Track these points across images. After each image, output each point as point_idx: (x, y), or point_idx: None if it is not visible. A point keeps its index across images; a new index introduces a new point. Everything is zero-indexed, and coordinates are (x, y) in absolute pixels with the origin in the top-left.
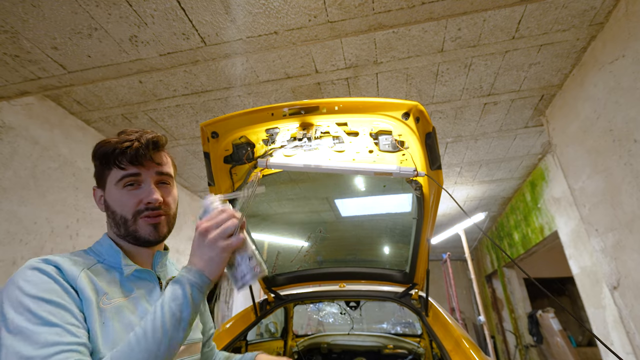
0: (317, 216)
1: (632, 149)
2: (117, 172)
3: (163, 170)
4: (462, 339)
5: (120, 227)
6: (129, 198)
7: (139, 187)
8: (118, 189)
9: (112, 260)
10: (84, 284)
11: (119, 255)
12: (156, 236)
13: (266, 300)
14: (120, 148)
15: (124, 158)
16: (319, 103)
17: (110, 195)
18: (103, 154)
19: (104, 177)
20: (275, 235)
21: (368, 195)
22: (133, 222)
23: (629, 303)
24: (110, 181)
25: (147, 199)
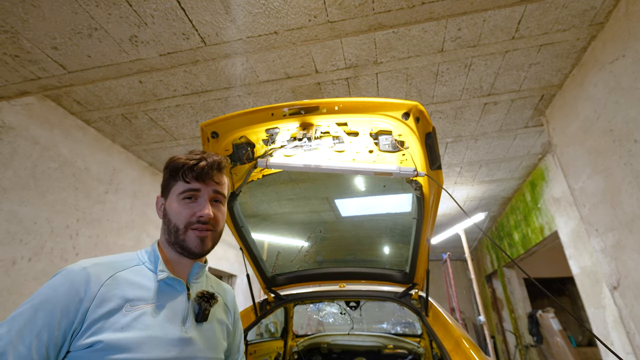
0: (317, 216)
1: (632, 149)
2: (181, 185)
3: (219, 190)
4: (462, 339)
5: (171, 235)
6: (185, 209)
7: (196, 202)
8: (178, 200)
9: (151, 265)
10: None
11: (157, 260)
12: (201, 249)
13: (266, 300)
14: (189, 164)
15: (190, 173)
16: (319, 103)
17: (170, 205)
18: (173, 167)
19: (169, 188)
20: (275, 235)
21: (368, 195)
22: (184, 232)
23: (629, 303)
24: (174, 192)
25: (199, 212)
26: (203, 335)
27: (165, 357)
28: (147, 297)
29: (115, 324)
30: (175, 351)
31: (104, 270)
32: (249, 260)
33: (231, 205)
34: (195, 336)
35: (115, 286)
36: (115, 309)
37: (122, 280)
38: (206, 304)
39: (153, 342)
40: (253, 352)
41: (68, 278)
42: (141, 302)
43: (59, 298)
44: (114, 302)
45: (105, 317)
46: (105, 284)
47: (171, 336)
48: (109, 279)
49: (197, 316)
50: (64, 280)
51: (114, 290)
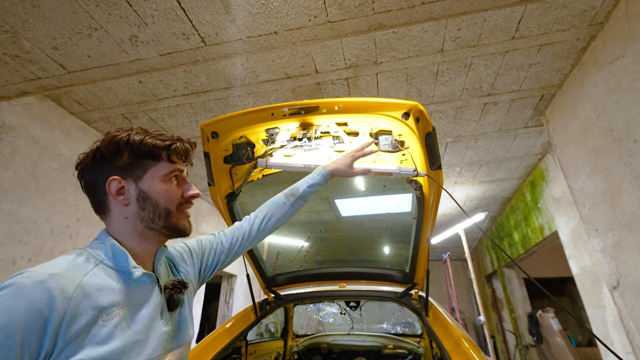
0: (317, 216)
1: (632, 149)
2: (165, 166)
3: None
4: (462, 339)
5: (159, 219)
6: (176, 191)
7: (180, 182)
8: (164, 182)
9: (115, 262)
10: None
11: (125, 257)
12: (191, 229)
13: (266, 300)
14: (172, 144)
15: (174, 153)
16: (319, 103)
17: (153, 187)
18: (152, 146)
19: (142, 169)
20: (275, 235)
21: (368, 195)
22: (175, 214)
23: (628, 303)
24: (153, 173)
25: (191, 192)
26: (177, 321)
27: (154, 356)
28: (120, 300)
29: (95, 337)
30: (160, 347)
31: (66, 280)
32: (249, 260)
33: (231, 205)
34: (174, 325)
35: (84, 296)
36: (91, 322)
37: (90, 288)
38: (178, 293)
39: (139, 345)
40: (253, 352)
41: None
42: (116, 307)
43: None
44: (88, 314)
45: (81, 333)
46: (73, 297)
47: (155, 334)
48: (75, 290)
49: (170, 306)
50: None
51: (84, 301)
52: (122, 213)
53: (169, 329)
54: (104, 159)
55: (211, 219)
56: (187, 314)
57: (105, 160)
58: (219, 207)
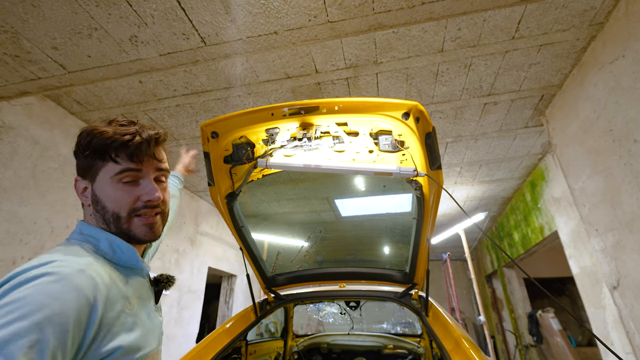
0: (317, 216)
1: (632, 149)
2: (113, 167)
3: (162, 167)
4: (462, 339)
5: (110, 224)
6: (126, 195)
7: (138, 184)
8: (113, 184)
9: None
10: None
11: (134, 254)
12: (152, 236)
13: (266, 300)
14: (120, 141)
15: (123, 152)
16: (319, 103)
17: (102, 190)
18: (99, 144)
19: (94, 169)
20: (275, 235)
21: (368, 195)
22: (127, 221)
23: (628, 303)
24: (104, 174)
25: (147, 196)
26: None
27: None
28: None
29: (125, 324)
30: (160, 337)
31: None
32: (249, 260)
33: (231, 205)
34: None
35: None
36: (121, 310)
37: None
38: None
39: (150, 334)
40: (253, 352)
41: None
42: (132, 298)
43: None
44: (119, 302)
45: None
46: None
47: (156, 324)
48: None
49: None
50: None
51: (116, 289)
52: (89, 211)
53: (161, 320)
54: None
55: (211, 219)
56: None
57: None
58: (219, 207)
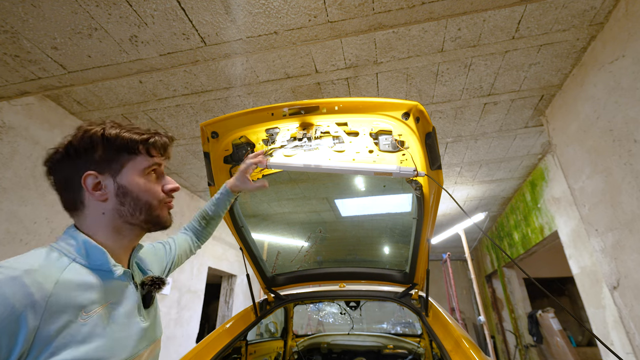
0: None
1: (632, 149)
2: (144, 160)
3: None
4: (462, 339)
5: (141, 213)
6: (156, 185)
7: (159, 176)
8: (143, 176)
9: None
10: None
11: (103, 254)
12: (171, 221)
13: (266, 300)
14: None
15: (152, 147)
16: (319, 103)
17: (132, 182)
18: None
19: (119, 163)
20: (275, 235)
21: (368, 195)
22: (158, 207)
23: (628, 303)
24: (131, 168)
25: (171, 186)
26: (153, 316)
27: (134, 353)
28: (99, 297)
29: (76, 336)
30: (140, 344)
31: (43, 277)
32: (249, 260)
33: (231, 205)
34: (150, 321)
35: (64, 294)
36: (71, 320)
37: (69, 285)
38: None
39: (121, 343)
40: (253, 352)
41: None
42: (95, 305)
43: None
44: (68, 312)
45: (62, 332)
46: (52, 294)
47: (135, 331)
48: (55, 287)
49: (146, 303)
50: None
51: (64, 298)
52: (99, 209)
53: (147, 326)
54: (77, 153)
55: None
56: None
57: (79, 155)
58: None
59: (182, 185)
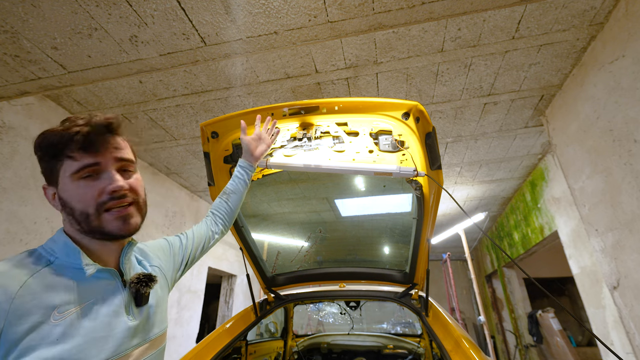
0: (317, 216)
1: (632, 149)
2: (70, 164)
3: (123, 156)
4: (462, 339)
5: (81, 224)
6: (89, 190)
7: (99, 178)
8: (74, 182)
9: (68, 260)
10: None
11: (77, 254)
12: (127, 229)
13: (266, 300)
14: (68, 135)
15: (74, 147)
16: (319, 103)
17: (66, 191)
18: (49, 145)
19: (54, 172)
20: (275, 235)
21: (368, 195)
22: (96, 217)
23: (628, 303)
24: (63, 175)
25: (110, 187)
26: (147, 315)
27: (115, 353)
28: (75, 297)
29: (48, 337)
30: (125, 343)
31: (10, 279)
32: (249, 260)
33: None
34: (142, 320)
35: (31, 295)
36: (41, 321)
37: (38, 287)
38: (145, 287)
39: (100, 342)
40: (253, 352)
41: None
42: (70, 305)
43: None
44: (37, 313)
45: (30, 333)
46: (17, 296)
47: (119, 330)
48: (20, 289)
49: (137, 301)
50: None
51: (31, 300)
52: (63, 217)
53: (136, 324)
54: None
55: None
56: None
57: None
58: None
59: (182, 185)
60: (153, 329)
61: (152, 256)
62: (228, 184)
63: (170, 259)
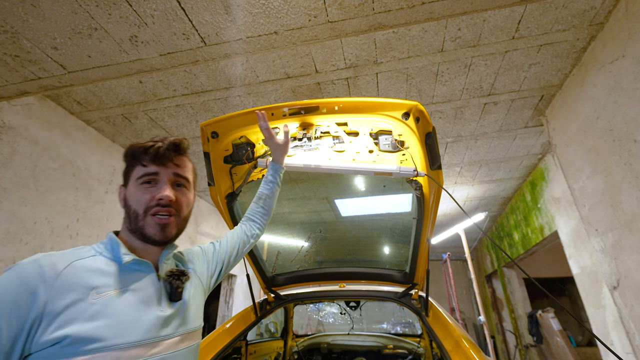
0: (317, 216)
1: (632, 149)
2: (139, 170)
3: (180, 173)
4: (462, 339)
5: (132, 222)
6: (144, 194)
7: (155, 185)
8: (136, 186)
9: (111, 252)
10: (67, 280)
11: (118, 246)
12: (162, 236)
13: (266, 300)
14: (145, 147)
15: (146, 157)
16: (319, 103)
17: (129, 191)
18: (131, 154)
19: (128, 175)
20: (275, 235)
21: (368, 195)
22: (142, 218)
23: (628, 303)
24: (132, 178)
25: (158, 195)
26: (180, 311)
27: (143, 338)
28: (113, 282)
29: (83, 313)
30: (153, 331)
31: (59, 259)
32: (249, 260)
33: (231, 205)
34: (173, 313)
35: (75, 274)
36: (80, 298)
37: (82, 268)
38: (177, 281)
39: (128, 326)
40: (253, 352)
41: (17, 272)
42: (107, 289)
43: (6, 295)
44: (77, 291)
45: (69, 308)
46: (62, 274)
47: (147, 317)
48: (66, 268)
49: (171, 295)
50: (13, 275)
51: (74, 278)
52: (124, 214)
53: (166, 316)
54: None
55: (211, 219)
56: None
57: None
58: (219, 207)
59: None
60: (185, 325)
61: (186, 260)
62: (263, 189)
63: (204, 265)
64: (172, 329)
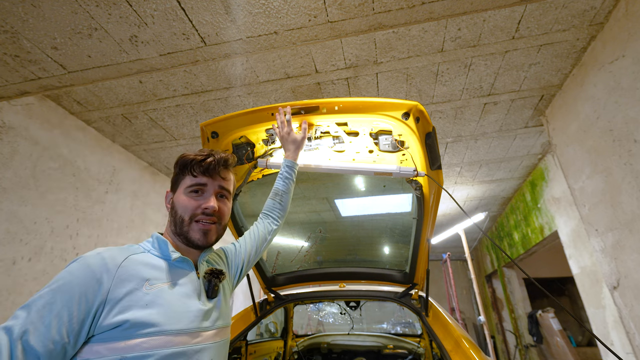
0: (317, 216)
1: (632, 149)
2: (189, 179)
3: (224, 185)
4: (462, 339)
5: (177, 226)
6: (191, 202)
7: (202, 195)
8: (185, 193)
9: (159, 250)
10: (126, 272)
11: (166, 245)
12: (204, 242)
13: (266, 300)
14: (197, 159)
15: (198, 168)
16: (319, 103)
17: (178, 198)
18: (183, 163)
19: (178, 183)
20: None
21: (368, 195)
22: (188, 224)
23: (628, 303)
24: (182, 186)
25: (205, 204)
26: (216, 306)
27: (188, 327)
28: (162, 276)
29: (139, 301)
30: (196, 322)
31: (118, 253)
32: None
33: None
34: (211, 308)
35: (131, 267)
36: (136, 288)
37: (137, 262)
38: (216, 279)
39: (177, 315)
40: (253, 352)
41: (84, 262)
42: (158, 281)
43: (76, 281)
44: (134, 281)
45: (128, 296)
46: (122, 265)
47: (192, 309)
48: (124, 261)
49: (208, 292)
50: (81, 265)
51: (131, 270)
52: (169, 218)
53: (207, 309)
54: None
55: None
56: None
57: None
58: None
59: None
60: (220, 320)
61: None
62: (279, 185)
63: (227, 266)
64: (210, 322)
